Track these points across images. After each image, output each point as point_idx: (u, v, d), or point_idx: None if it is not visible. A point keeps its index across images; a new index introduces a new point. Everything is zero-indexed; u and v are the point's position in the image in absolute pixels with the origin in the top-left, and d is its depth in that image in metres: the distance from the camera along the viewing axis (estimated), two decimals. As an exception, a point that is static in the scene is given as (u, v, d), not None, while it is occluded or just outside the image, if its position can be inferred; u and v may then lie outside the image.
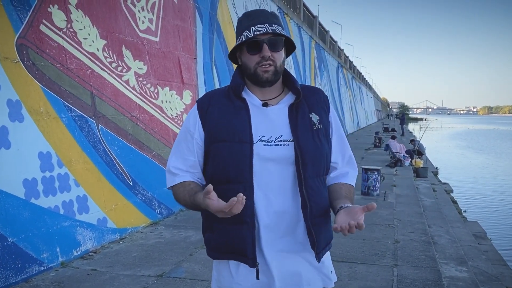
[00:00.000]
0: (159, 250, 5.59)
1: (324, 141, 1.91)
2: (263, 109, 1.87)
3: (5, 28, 4.62)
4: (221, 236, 1.89)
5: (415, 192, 10.36)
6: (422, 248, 5.86)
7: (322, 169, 1.90)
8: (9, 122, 4.61)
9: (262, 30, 1.79)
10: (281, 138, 1.84)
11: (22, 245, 4.56)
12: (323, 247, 1.92)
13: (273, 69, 1.82)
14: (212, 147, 1.85)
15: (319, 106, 1.94)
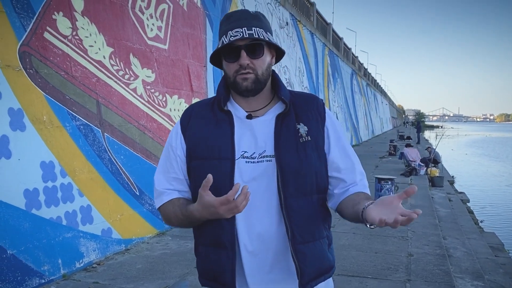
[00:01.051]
0: (164, 262, 5.46)
1: (313, 155, 1.68)
2: (247, 121, 1.69)
3: (7, 36, 4.56)
4: (203, 261, 1.75)
5: (430, 202, 10.14)
6: (436, 262, 5.66)
7: (309, 187, 1.67)
8: (10, 131, 4.53)
9: (239, 35, 1.60)
10: (265, 153, 1.66)
11: (22, 257, 4.47)
12: (312, 278, 1.68)
13: (253, 77, 1.63)
14: (192, 164, 1.71)
15: (310, 115, 1.73)
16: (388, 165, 16.84)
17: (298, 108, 1.72)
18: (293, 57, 15.67)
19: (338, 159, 1.74)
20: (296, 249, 1.63)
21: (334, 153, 1.74)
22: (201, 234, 1.73)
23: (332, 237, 1.83)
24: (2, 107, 4.47)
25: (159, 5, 7.31)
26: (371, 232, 6.94)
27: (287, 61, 14.82)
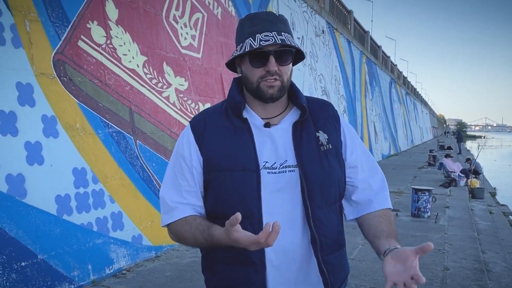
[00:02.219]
0: (192, 270, 5.43)
1: (335, 164, 1.63)
2: (266, 130, 1.60)
3: (42, 44, 4.66)
4: (224, 279, 1.64)
5: (469, 214, 9.80)
6: (474, 277, 5.44)
7: (333, 196, 1.63)
8: (43, 138, 4.61)
9: (270, 40, 1.50)
10: (286, 163, 1.58)
11: (53, 263, 4.52)
12: (338, 286, 1.66)
13: (279, 85, 1.55)
14: (211, 176, 1.59)
15: (328, 122, 1.67)
16: (427, 176, 16.43)
17: (315, 115, 1.66)
18: (329, 65, 15.52)
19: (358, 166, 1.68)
20: (325, 260, 1.59)
21: (353, 159, 1.68)
22: (221, 253, 1.60)
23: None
24: (36, 114, 4.55)
25: (193, 14, 7.36)
26: (407, 244, 6.62)
27: (323, 69, 14.69)
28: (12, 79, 4.33)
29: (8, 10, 4.31)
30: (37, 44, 4.58)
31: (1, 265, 4.03)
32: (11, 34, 4.32)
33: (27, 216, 4.33)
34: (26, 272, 4.24)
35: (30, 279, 4.27)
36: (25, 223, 4.30)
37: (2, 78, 4.23)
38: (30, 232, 4.33)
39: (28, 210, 4.35)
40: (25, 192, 4.34)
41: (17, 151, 4.33)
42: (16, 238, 4.19)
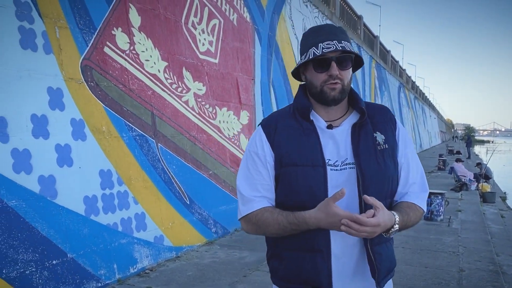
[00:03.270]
0: (213, 270, 5.55)
1: (390, 162, 1.77)
2: (328, 131, 1.76)
3: (70, 50, 4.80)
4: (291, 265, 1.77)
5: (481, 218, 9.84)
6: (489, 278, 5.50)
7: (386, 192, 1.76)
8: (72, 141, 4.74)
9: (331, 47, 1.67)
10: (346, 161, 1.73)
11: (81, 261, 4.64)
12: (384, 276, 1.79)
13: (340, 88, 1.72)
14: (282, 171, 1.75)
15: (384, 125, 1.82)
16: (438, 180, 16.45)
17: (374, 118, 1.80)
18: (340, 70, 15.67)
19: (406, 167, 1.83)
20: (374, 250, 1.72)
21: (402, 161, 1.83)
22: (289, 240, 1.74)
23: None
24: (65, 118, 4.68)
25: (210, 20, 7.49)
26: (421, 246, 6.83)
27: (334, 74, 14.83)
28: (44, 84, 4.47)
29: (40, 17, 4.45)
30: (66, 50, 4.72)
31: (34, 263, 4.17)
32: (42, 40, 4.46)
33: (58, 216, 4.47)
34: (57, 270, 4.38)
35: (61, 277, 4.40)
36: (56, 222, 4.44)
37: (35, 83, 4.37)
38: (60, 232, 4.46)
39: (58, 210, 4.49)
40: (56, 193, 4.48)
41: (48, 153, 4.46)
42: (47, 237, 4.33)
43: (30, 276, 4.11)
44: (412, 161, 1.85)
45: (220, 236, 7.11)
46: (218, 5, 7.74)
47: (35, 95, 4.37)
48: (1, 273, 3.88)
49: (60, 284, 4.38)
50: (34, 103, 4.36)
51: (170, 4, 6.47)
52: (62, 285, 4.39)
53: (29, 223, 4.17)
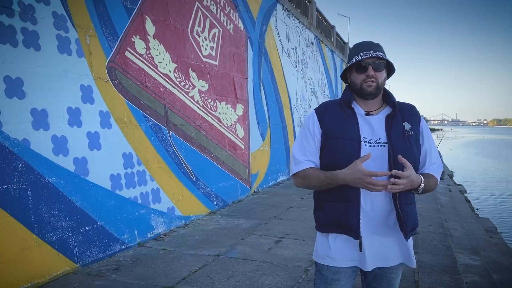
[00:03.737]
0: (216, 235, 5.64)
1: (414, 145, 1.95)
2: (366, 117, 1.96)
3: (98, 54, 4.80)
4: (329, 213, 1.97)
5: (433, 191, 10.02)
6: (439, 239, 5.67)
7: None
8: (100, 129, 4.78)
9: (368, 55, 1.90)
10: (379, 140, 1.91)
11: (108, 228, 4.72)
12: (410, 230, 1.95)
13: (375, 85, 1.92)
14: (327, 142, 1.95)
15: (411, 117, 2.00)
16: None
17: (403, 112, 2.00)
18: (317, 71, 15.67)
19: (426, 151, 2.01)
20: (402, 208, 1.90)
21: (426, 146, 2.02)
22: (330, 194, 1.96)
23: None
24: (95, 110, 4.71)
25: (211, 29, 7.50)
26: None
27: (312, 74, 14.84)
28: (77, 82, 4.49)
29: (73, 27, 4.45)
30: (94, 54, 4.73)
31: (71, 229, 4.24)
32: (76, 46, 4.47)
33: (89, 190, 4.53)
34: (89, 235, 4.45)
35: (92, 241, 4.48)
36: (87, 196, 4.50)
37: (70, 81, 4.39)
38: (91, 203, 4.53)
39: (90, 186, 4.54)
40: (88, 172, 4.53)
41: (81, 139, 4.50)
42: (81, 208, 4.39)
43: (67, 240, 4.18)
44: (432, 147, 2.04)
45: (220, 207, 7.21)
46: (217, 16, 7.74)
47: (70, 91, 4.38)
48: (44, 237, 3.94)
49: (91, 246, 4.46)
50: (70, 98, 4.38)
51: (178, 15, 6.47)
52: (93, 247, 4.47)
53: (66, 196, 4.23)
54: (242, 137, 8.45)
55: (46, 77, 4.11)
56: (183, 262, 4.54)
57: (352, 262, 1.97)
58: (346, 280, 2.01)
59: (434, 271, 4.42)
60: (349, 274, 2.01)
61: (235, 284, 3.97)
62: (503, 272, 5.48)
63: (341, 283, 2.00)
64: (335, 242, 1.98)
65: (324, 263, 2.01)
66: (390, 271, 2.02)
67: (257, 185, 9.04)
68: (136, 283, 3.95)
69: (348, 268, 1.99)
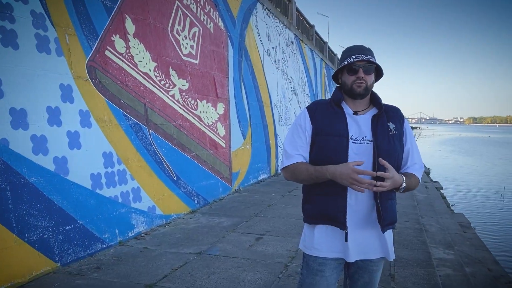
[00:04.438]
0: (197, 233, 5.69)
1: (397, 144, 2.08)
2: (354, 116, 2.09)
3: (78, 53, 4.79)
4: (320, 206, 2.08)
5: (409, 189, 10.24)
6: (415, 234, 5.83)
7: (392, 163, 2.02)
8: (80, 128, 4.78)
9: (360, 58, 2.03)
10: (365, 138, 2.04)
11: (89, 227, 4.73)
12: (387, 224, 2.08)
13: (365, 86, 2.05)
14: (317, 138, 2.07)
15: (396, 118, 2.14)
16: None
17: (388, 113, 2.14)
18: (297, 70, 15.82)
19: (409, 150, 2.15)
20: (382, 203, 2.03)
21: (408, 146, 2.15)
22: (318, 188, 2.08)
23: None
24: (75, 109, 4.70)
25: (191, 28, 7.53)
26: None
27: (292, 73, 14.98)
28: (57, 81, 4.47)
29: (53, 26, 4.44)
30: (74, 53, 4.72)
31: (51, 229, 4.24)
32: (55, 45, 4.46)
33: (69, 190, 4.53)
34: (69, 234, 4.45)
35: (73, 240, 4.48)
36: (68, 195, 4.49)
37: (50, 80, 4.38)
38: (72, 203, 4.53)
39: (70, 185, 4.54)
40: (68, 171, 4.53)
41: (61, 139, 4.49)
42: (61, 207, 4.39)
43: (48, 239, 4.18)
44: (415, 148, 2.17)
45: (201, 206, 7.26)
46: (197, 15, 7.78)
47: (49, 90, 4.37)
48: (24, 237, 3.93)
49: (72, 245, 4.46)
50: (49, 97, 4.37)
51: (158, 14, 6.48)
52: (74, 247, 4.47)
53: (46, 195, 4.22)
54: (223, 135, 8.51)
55: (25, 76, 4.09)
56: (164, 260, 4.58)
57: (337, 254, 2.10)
58: (331, 272, 2.12)
59: (409, 265, 4.57)
60: (334, 266, 2.13)
61: (216, 280, 4.04)
62: (475, 265, 5.69)
63: (325, 274, 2.11)
64: (322, 234, 2.10)
65: (311, 254, 2.14)
66: (372, 263, 2.15)
67: (238, 183, 9.12)
68: (117, 282, 3.98)
69: (333, 259, 2.11)
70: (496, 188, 15.79)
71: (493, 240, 8.85)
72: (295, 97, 15.29)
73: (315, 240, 2.11)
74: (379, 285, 3.90)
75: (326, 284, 2.12)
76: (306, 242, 2.17)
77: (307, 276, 2.16)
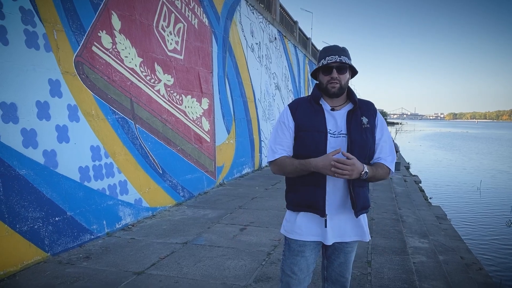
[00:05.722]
0: (183, 224, 5.85)
1: (370, 136, 2.26)
2: (331, 112, 2.26)
3: (66, 49, 4.89)
4: (302, 195, 2.27)
5: (389, 181, 10.56)
6: (392, 224, 6.07)
7: (365, 154, 2.23)
8: (69, 122, 4.88)
9: (333, 59, 2.19)
10: (341, 132, 2.22)
11: (78, 218, 4.85)
12: (360, 209, 2.26)
13: (339, 86, 2.22)
14: (299, 134, 2.25)
15: (369, 113, 2.31)
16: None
17: (362, 108, 2.31)
18: (280, 66, 16.02)
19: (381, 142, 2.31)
20: (354, 190, 2.22)
21: (379, 137, 2.32)
22: (302, 179, 2.24)
23: None
24: (63, 104, 4.80)
25: (176, 24, 7.64)
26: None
27: (276, 68, 15.17)
28: (45, 76, 4.57)
29: (41, 22, 4.53)
30: (62, 49, 4.82)
31: (41, 219, 4.36)
32: (43, 41, 4.56)
33: (58, 182, 4.64)
34: (59, 225, 4.57)
35: (62, 231, 4.60)
36: (57, 187, 4.61)
37: (39, 75, 4.47)
38: (61, 195, 4.64)
39: (59, 177, 4.66)
40: (57, 164, 4.64)
41: (50, 132, 4.59)
42: (51, 199, 4.50)
43: (38, 230, 4.30)
44: (387, 140, 2.34)
45: (187, 199, 7.41)
46: (182, 11, 7.89)
47: (38, 85, 4.46)
48: (15, 227, 4.05)
49: (61, 236, 4.58)
50: (38, 92, 4.46)
51: (144, 11, 6.59)
52: (63, 237, 4.60)
53: (36, 187, 4.33)
54: (208, 130, 8.66)
55: (15, 71, 4.18)
56: (152, 250, 4.74)
57: (315, 237, 2.31)
58: (310, 252, 2.35)
59: (385, 252, 4.82)
60: (313, 247, 2.35)
61: (203, 268, 4.22)
62: (448, 253, 5.99)
63: (305, 254, 2.34)
64: (303, 220, 2.31)
65: (292, 237, 2.35)
66: (348, 245, 2.37)
67: (222, 177, 9.29)
68: (107, 270, 4.13)
69: (312, 242, 2.33)
70: (472, 181, 16.31)
71: (468, 230, 9.23)
72: (278, 92, 15.49)
73: (296, 225, 2.32)
74: (356, 271, 4.16)
75: (306, 263, 2.35)
76: (288, 227, 2.37)
77: (288, 257, 2.38)
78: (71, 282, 3.81)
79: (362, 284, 3.88)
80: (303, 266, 2.34)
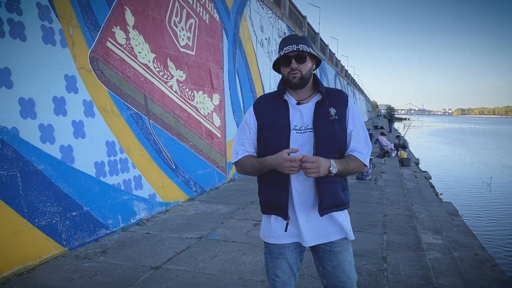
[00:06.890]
0: (197, 219, 5.87)
1: (338, 128, 2.07)
2: (297, 106, 2.11)
3: (81, 44, 4.91)
4: (267, 197, 2.17)
5: (400, 177, 10.53)
6: (405, 221, 6.04)
7: (333, 148, 2.06)
8: (84, 118, 4.91)
9: (290, 49, 2.04)
10: (308, 127, 2.08)
11: (94, 213, 4.88)
12: (327, 207, 2.08)
13: (300, 76, 2.07)
14: (262, 133, 2.13)
15: (337, 102, 2.11)
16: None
17: (331, 98, 2.12)
18: (289, 61, 15.96)
19: (351, 133, 2.12)
20: (319, 187, 2.07)
21: (351, 128, 2.12)
22: (266, 179, 2.14)
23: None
24: (79, 99, 4.83)
25: (188, 20, 7.64)
26: (355, 199, 7.35)
27: (285, 64, 15.12)
28: (62, 72, 4.59)
29: (57, 18, 4.55)
30: (77, 45, 4.84)
31: (59, 214, 4.39)
32: (59, 36, 4.58)
33: (75, 177, 4.68)
34: (75, 220, 4.61)
35: (79, 225, 4.64)
36: (74, 182, 4.64)
37: (55, 71, 4.50)
38: (77, 190, 4.68)
39: (75, 172, 4.69)
40: (73, 159, 4.67)
41: (67, 128, 4.63)
42: (68, 194, 4.54)
43: (55, 224, 4.33)
44: (360, 130, 2.14)
45: (199, 194, 7.44)
46: (194, 7, 7.88)
47: (55, 81, 4.49)
48: (34, 222, 4.09)
49: (78, 231, 4.62)
50: (55, 87, 4.49)
51: (156, 6, 6.59)
52: (80, 232, 4.63)
53: (54, 182, 4.37)
54: (219, 126, 8.67)
55: (32, 67, 4.21)
56: (167, 245, 4.76)
57: (293, 239, 2.15)
58: (291, 253, 2.21)
59: (400, 249, 4.80)
60: (293, 247, 2.19)
61: (219, 263, 4.24)
62: (462, 250, 5.97)
63: (286, 256, 2.21)
64: (278, 222, 2.15)
65: (270, 242, 2.20)
66: (335, 244, 2.16)
67: (233, 172, 9.30)
68: (124, 264, 4.16)
69: (291, 243, 2.20)
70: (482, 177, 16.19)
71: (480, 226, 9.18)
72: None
73: (272, 228, 2.17)
74: (372, 267, 4.15)
75: (288, 264, 2.22)
76: (264, 232, 2.24)
77: (270, 260, 2.26)
78: (89, 277, 3.84)
79: (379, 280, 3.88)
80: (285, 267, 2.22)
